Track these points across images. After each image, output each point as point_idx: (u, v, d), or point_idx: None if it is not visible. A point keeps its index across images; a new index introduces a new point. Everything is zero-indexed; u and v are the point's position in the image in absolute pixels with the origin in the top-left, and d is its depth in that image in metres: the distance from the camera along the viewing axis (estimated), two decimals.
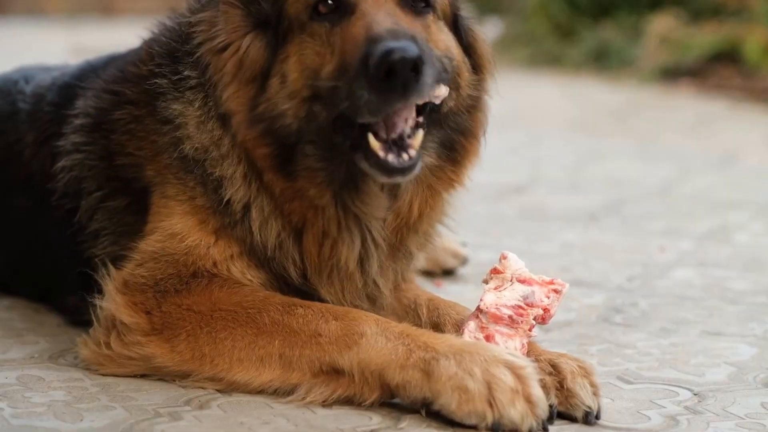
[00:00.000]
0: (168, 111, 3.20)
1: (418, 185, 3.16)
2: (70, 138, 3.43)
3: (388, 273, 3.25)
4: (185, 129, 3.17)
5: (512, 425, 2.69)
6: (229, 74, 3.08)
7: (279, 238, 3.13)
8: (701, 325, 3.89)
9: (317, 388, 2.89)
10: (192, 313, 3.01)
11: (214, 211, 3.14)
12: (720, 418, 2.96)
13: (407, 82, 2.79)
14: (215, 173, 3.13)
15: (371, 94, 2.81)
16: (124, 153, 3.29)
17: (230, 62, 3.08)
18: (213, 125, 3.14)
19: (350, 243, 3.13)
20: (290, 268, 3.16)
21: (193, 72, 3.19)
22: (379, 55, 2.77)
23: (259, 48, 3.07)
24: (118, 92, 3.36)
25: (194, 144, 3.15)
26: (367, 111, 2.84)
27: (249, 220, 3.13)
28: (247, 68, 3.06)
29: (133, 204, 3.29)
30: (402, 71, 2.77)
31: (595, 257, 4.97)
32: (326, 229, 3.10)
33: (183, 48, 3.24)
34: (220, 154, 3.13)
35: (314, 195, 3.06)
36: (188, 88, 3.20)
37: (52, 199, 3.44)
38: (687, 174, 7.48)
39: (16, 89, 3.83)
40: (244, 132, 3.05)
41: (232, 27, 3.10)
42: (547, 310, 2.96)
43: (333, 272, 3.16)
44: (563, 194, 6.70)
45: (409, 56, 2.76)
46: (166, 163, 3.20)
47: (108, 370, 3.07)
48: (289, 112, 3.01)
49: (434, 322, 3.28)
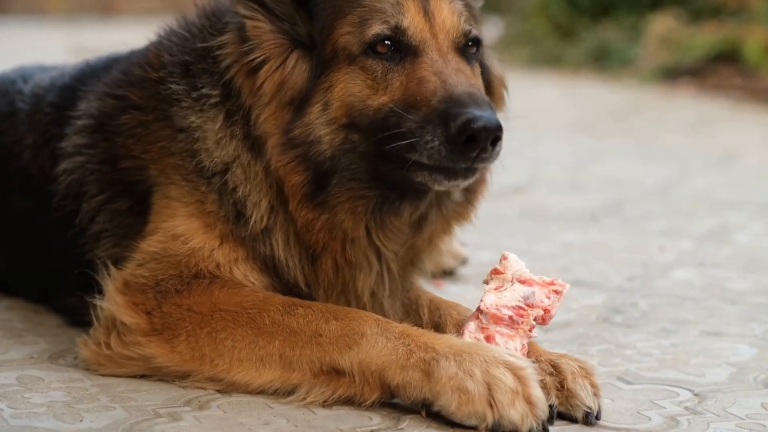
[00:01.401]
0: (184, 121, 3.18)
1: (438, 219, 3.22)
2: (72, 140, 3.41)
3: (396, 295, 3.28)
4: (203, 143, 3.15)
5: (512, 426, 2.69)
6: (267, 95, 3.05)
7: (295, 259, 3.15)
8: (701, 326, 3.89)
9: (317, 389, 2.88)
10: (192, 314, 3.01)
11: (226, 220, 3.13)
12: (720, 418, 2.96)
13: (485, 150, 2.88)
14: (238, 192, 3.11)
15: (443, 147, 2.88)
16: (129, 156, 3.28)
17: (269, 81, 3.05)
18: (236, 146, 3.12)
19: (368, 272, 3.16)
20: (300, 281, 3.17)
21: (214, 91, 3.15)
22: (464, 120, 2.84)
23: (304, 70, 3.05)
24: (123, 96, 3.34)
25: (213, 158, 3.13)
26: (427, 155, 2.90)
27: (270, 242, 3.13)
28: (288, 89, 3.05)
29: (135, 206, 3.28)
30: (484, 142, 2.86)
31: (595, 257, 4.97)
32: (351, 259, 3.12)
33: (199, 64, 3.21)
34: (245, 176, 3.11)
35: (350, 227, 3.08)
36: (209, 105, 3.16)
37: (52, 201, 3.43)
38: (687, 174, 7.48)
39: (14, 89, 3.81)
40: (277, 157, 3.04)
41: (271, 43, 3.07)
42: (547, 310, 2.96)
43: (342, 294, 3.19)
44: (563, 194, 6.70)
45: (492, 128, 2.86)
46: (173, 164, 3.19)
47: (108, 371, 3.07)
48: (325, 138, 3.02)
49: (435, 322, 3.28)
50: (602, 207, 6.24)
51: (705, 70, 12.40)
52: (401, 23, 3.03)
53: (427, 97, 2.92)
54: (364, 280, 3.17)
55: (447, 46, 3.06)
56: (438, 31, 3.06)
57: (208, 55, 3.19)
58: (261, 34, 3.07)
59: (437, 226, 3.24)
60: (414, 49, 3.03)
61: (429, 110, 2.90)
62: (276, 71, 3.06)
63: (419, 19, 3.05)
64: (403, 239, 3.19)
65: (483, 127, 2.84)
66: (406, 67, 3.01)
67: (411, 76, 2.99)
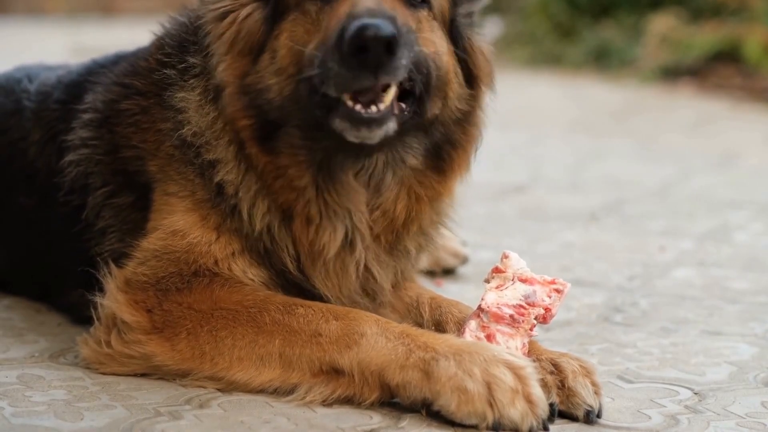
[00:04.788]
0: (174, 99, 3.23)
1: (401, 186, 3.15)
2: (78, 133, 3.44)
3: (387, 269, 3.25)
4: (186, 113, 3.19)
5: (512, 425, 2.69)
6: (226, 43, 3.09)
7: (266, 219, 3.13)
8: (701, 325, 3.89)
9: (317, 388, 2.89)
10: (193, 312, 3.01)
11: (212, 203, 3.15)
12: (720, 417, 2.96)
13: (379, 60, 2.76)
14: (210, 157, 3.14)
15: (341, 67, 2.79)
16: (129, 145, 3.30)
17: (229, 31, 3.09)
18: (209, 108, 3.16)
19: (332, 231, 3.12)
20: (286, 259, 3.15)
21: (198, 58, 3.20)
22: (353, 30, 2.74)
23: (257, 20, 3.08)
24: (128, 84, 3.38)
25: (192, 128, 3.16)
26: (334, 84, 2.83)
27: (238, 202, 3.12)
28: (243, 39, 3.07)
29: (138, 201, 3.29)
30: (374, 48, 2.74)
31: (595, 257, 4.98)
32: (309, 213, 3.10)
33: (191, 38, 3.27)
34: (214, 136, 3.14)
35: (294, 174, 3.07)
36: (192, 76, 3.21)
37: (58, 196, 3.44)
38: (687, 174, 7.49)
39: (19, 88, 3.83)
40: (231, 104, 3.07)
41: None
42: (548, 309, 2.96)
43: (326, 262, 3.15)
44: (563, 194, 6.70)
45: (383, 34, 2.73)
46: (168, 154, 3.21)
47: (108, 369, 3.07)
48: (274, 88, 3.02)
49: (436, 320, 3.29)
50: (602, 207, 6.24)
51: (705, 70, 12.41)
52: None
53: (334, 29, 2.84)
54: (329, 239, 3.11)
55: None
56: None
57: (198, 30, 3.22)
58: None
59: (402, 194, 3.15)
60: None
61: (331, 40, 2.83)
62: (234, 22, 3.09)
63: None
64: (362, 200, 3.12)
65: (373, 36, 2.71)
66: (333, 5, 2.94)
67: (332, 14, 2.92)
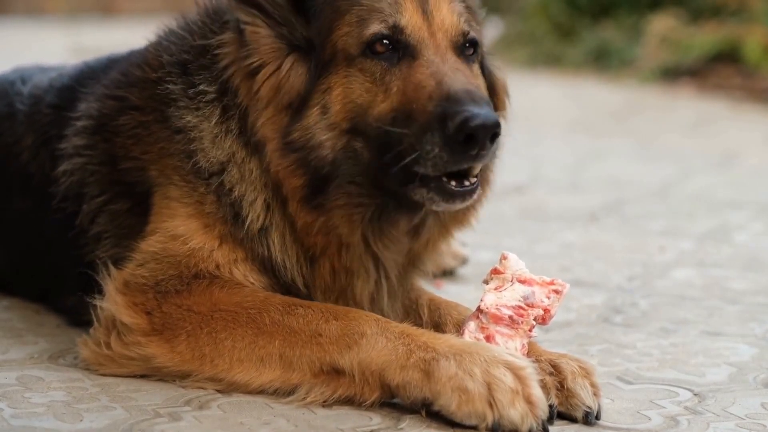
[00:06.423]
0: (180, 121, 3.18)
1: (438, 226, 3.21)
2: (72, 141, 3.41)
3: (397, 299, 3.28)
4: (200, 143, 3.15)
5: (512, 426, 2.68)
6: (264, 99, 3.05)
7: (293, 260, 3.14)
8: (701, 325, 3.89)
9: (318, 388, 2.88)
10: (192, 314, 3.01)
11: (224, 221, 3.13)
12: (720, 418, 2.96)
13: (484, 148, 2.85)
14: (234, 192, 3.11)
15: (443, 151, 2.85)
16: (129, 157, 3.28)
17: (266, 85, 3.05)
18: (232, 143, 3.12)
19: (366, 280, 3.16)
20: (299, 282, 3.17)
21: (211, 87, 3.16)
22: (461, 119, 2.81)
23: (300, 74, 3.05)
24: (122, 97, 3.34)
25: (209, 158, 3.13)
26: (432, 165, 2.87)
27: (267, 242, 3.12)
28: (285, 93, 3.04)
29: (135, 207, 3.28)
30: (483, 139, 2.83)
31: (595, 257, 4.97)
32: (347, 265, 3.12)
33: (198, 61, 3.21)
34: (241, 176, 3.11)
35: (345, 233, 3.07)
36: (205, 102, 3.17)
37: (52, 203, 3.43)
38: (687, 174, 7.48)
39: (13, 90, 3.82)
40: (277, 161, 3.03)
41: (268, 48, 3.06)
42: (547, 310, 2.96)
43: (341, 299, 3.18)
44: (563, 194, 6.70)
45: (490, 125, 2.83)
46: (173, 165, 3.19)
47: (108, 371, 3.07)
48: (327, 144, 3.00)
49: (435, 322, 3.29)
50: (602, 207, 6.24)
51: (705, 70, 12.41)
52: (399, 22, 3.02)
53: (424, 104, 2.89)
54: (361, 287, 3.16)
55: (445, 46, 3.05)
56: (436, 30, 3.05)
57: (206, 53, 3.19)
58: (258, 39, 3.07)
59: (435, 231, 3.23)
60: (412, 48, 3.01)
61: (426, 117, 2.87)
62: (272, 75, 3.05)
63: (417, 17, 3.04)
64: (401, 247, 3.18)
65: (481, 125, 2.82)
66: (403, 69, 2.99)
67: (408, 79, 2.96)
